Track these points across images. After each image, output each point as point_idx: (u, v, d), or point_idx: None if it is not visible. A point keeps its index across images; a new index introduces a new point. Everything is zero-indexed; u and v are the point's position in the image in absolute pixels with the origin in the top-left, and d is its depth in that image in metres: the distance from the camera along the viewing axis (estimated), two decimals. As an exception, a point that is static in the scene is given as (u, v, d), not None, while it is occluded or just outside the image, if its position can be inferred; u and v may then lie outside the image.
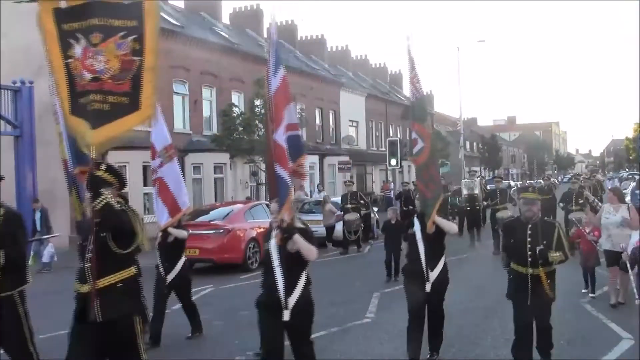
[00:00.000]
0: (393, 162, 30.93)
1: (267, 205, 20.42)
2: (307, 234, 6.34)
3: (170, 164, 9.32)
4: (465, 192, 23.17)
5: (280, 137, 6.40)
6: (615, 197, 11.36)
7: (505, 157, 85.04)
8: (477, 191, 22.26)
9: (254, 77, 27.81)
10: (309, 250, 6.21)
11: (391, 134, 50.66)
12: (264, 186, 29.15)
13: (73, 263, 6.63)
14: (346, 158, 40.71)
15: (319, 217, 21.96)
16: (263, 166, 26.99)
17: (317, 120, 41.41)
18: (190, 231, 15.90)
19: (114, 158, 19.27)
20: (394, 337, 9.14)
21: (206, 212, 19.14)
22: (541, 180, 29.74)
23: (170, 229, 9.30)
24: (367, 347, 9.01)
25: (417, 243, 7.89)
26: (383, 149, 31.65)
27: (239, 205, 19.41)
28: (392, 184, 41.72)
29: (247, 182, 31.56)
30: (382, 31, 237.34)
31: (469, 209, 22.38)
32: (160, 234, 9.38)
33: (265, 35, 43.10)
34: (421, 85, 8.43)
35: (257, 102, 27.38)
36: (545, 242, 7.03)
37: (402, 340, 8.51)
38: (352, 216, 20.87)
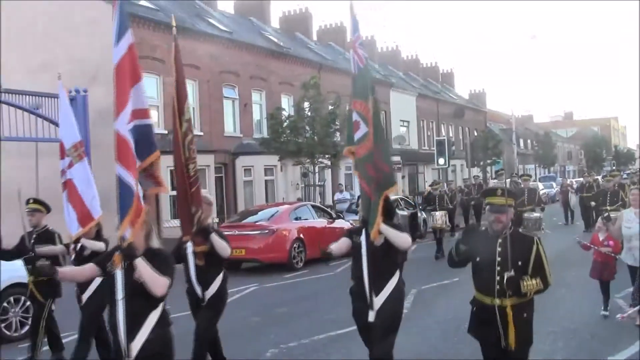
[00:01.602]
0: (441, 161, 31.24)
1: (313, 206, 21.08)
2: (157, 258, 4.77)
3: (80, 164, 8.00)
4: None
5: (123, 126, 4.81)
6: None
7: (560, 153, 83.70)
8: None
9: (303, 80, 28.33)
10: (154, 281, 4.59)
11: (443, 134, 50.64)
12: (313, 187, 29.54)
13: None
14: (397, 158, 40.77)
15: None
16: (311, 167, 27.40)
17: (368, 121, 41.61)
18: (237, 232, 16.80)
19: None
20: (423, 330, 9.41)
21: (254, 212, 19.64)
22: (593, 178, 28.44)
23: (84, 241, 7.79)
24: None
25: (361, 257, 6.20)
26: (435, 148, 31.89)
27: (285, 206, 19.88)
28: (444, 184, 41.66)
29: (298, 184, 32.04)
30: (432, 30, 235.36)
31: None
32: (73, 246, 7.97)
33: (315, 38, 43.72)
34: (365, 51, 6.60)
35: (305, 105, 27.79)
36: (519, 263, 5.29)
37: (429, 335, 8.89)
38: None
